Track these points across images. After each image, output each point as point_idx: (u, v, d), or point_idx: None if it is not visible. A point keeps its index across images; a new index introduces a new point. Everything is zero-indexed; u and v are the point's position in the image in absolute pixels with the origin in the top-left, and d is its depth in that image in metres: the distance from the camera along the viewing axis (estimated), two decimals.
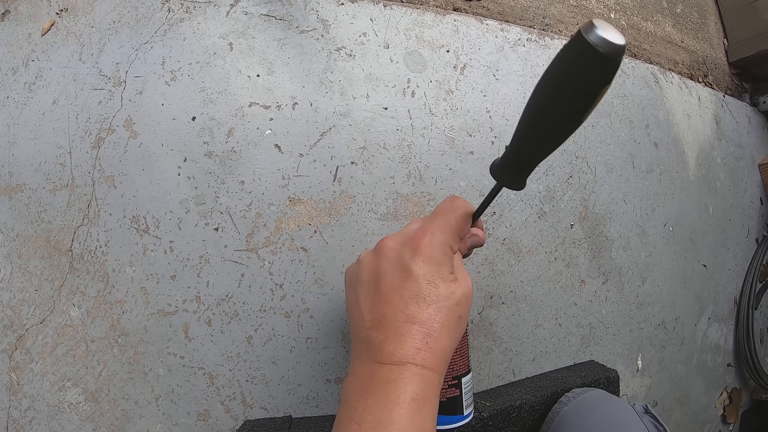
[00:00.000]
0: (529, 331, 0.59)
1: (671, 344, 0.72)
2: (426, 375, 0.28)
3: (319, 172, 0.51)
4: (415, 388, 0.27)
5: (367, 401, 0.27)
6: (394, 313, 0.30)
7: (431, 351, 0.29)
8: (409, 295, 0.30)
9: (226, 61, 0.50)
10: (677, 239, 0.72)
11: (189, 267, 0.49)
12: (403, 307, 0.30)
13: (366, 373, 0.29)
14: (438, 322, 0.29)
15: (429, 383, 0.28)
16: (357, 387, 0.28)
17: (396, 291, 0.30)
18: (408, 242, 0.32)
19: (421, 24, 0.56)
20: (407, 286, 0.30)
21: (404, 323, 0.29)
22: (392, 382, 0.27)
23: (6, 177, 0.48)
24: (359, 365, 0.30)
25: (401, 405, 0.26)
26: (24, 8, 0.50)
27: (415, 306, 0.30)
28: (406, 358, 0.28)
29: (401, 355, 0.28)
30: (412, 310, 0.29)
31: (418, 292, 0.30)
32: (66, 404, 0.47)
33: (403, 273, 0.30)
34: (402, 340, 0.29)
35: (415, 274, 0.30)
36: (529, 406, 0.52)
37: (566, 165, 0.62)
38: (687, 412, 0.76)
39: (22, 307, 0.47)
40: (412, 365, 0.28)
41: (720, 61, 0.93)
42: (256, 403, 0.50)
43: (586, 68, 0.21)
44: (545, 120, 0.25)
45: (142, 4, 0.50)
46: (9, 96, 0.49)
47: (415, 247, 0.31)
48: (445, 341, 0.30)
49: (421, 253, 0.31)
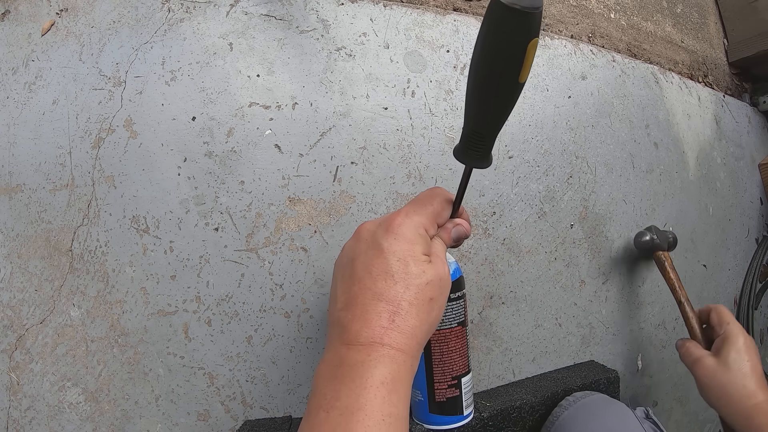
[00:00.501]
0: (529, 331, 0.59)
1: (671, 344, 0.72)
2: (395, 356, 0.27)
3: (319, 172, 0.51)
4: (383, 370, 0.26)
5: (335, 386, 0.26)
6: (362, 291, 0.29)
7: (399, 330, 0.28)
8: (378, 272, 0.29)
9: (226, 61, 0.50)
10: (677, 239, 0.72)
11: (189, 267, 0.49)
12: (372, 284, 0.29)
13: (335, 358, 0.28)
14: (406, 300, 0.29)
15: (399, 365, 0.27)
16: (326, 373, 0.28)
17: (366, 269, 0.30)
18: (383, 223, 0.32)
19: (421, 24, 0.56)
20: (377, 263, 0.30)
21: (371, 300, 0.29)
22: (360, 365, 0.26)
23: (6, 177, 0.48)
24: (329, 350, 0.29)
25: (369, 389, 0.26)
26: (24, 8, 0.50)
27: (383, 283, 0.29)
28: (373, 337, 0.27)
29: (368, 334, 0.28)
30: (379, 286, 0.29)
31: (386, 269, 0.29)
32: (66, 404, 0.47)
33: (374, 251, 0.30)
34: (368, 318, 0.28)
35: (385, 251, 0.30)
36: (529, 406, 0.52)
37: (566, 165, 0.62)
38: (687, 412, 0.76)
39: (22, 307, 0.47)
40: (379, 345, 0.27)
41: (720, 61, 0.93)
42: (256, 403, 0.50)
43: (505, 25, 0.22)
44: (488, 87, 0.25)
45: (142, 4, 0.50)
46: (9, 96, 0.49)
47: (389, 226, 0.31)
48: (413, 320, 0.29)
49: (393, 232, 0.30)
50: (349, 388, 0.26)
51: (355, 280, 0.30)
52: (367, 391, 0.26)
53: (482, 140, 0.29)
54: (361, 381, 0.26)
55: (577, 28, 0.71)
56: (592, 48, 0.67)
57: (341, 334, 0.29)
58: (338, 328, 0.29)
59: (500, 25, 0.22)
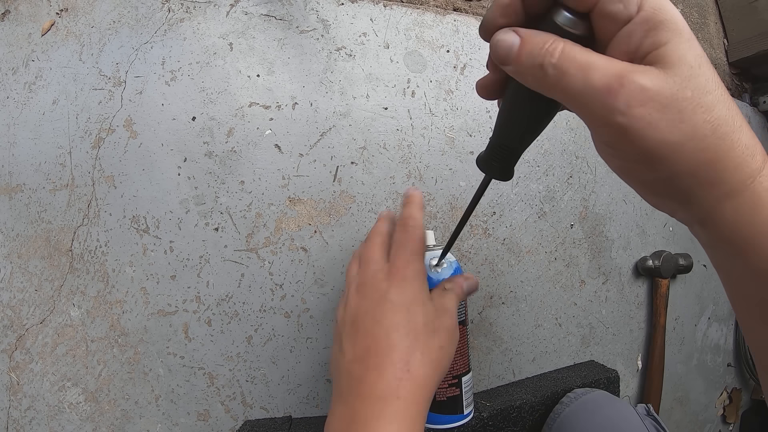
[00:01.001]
0: (529, 331, 0.59)
1: (671, 344, 0.72)
2: (409, 410, 0.28)
3: (319, 172, 0.51)
4: (396, 426, 0.27)
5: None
6: (375, 343, 0.30)
7: (413, 381, 0.28)
8: (389, 324, 0.30)
9: (226, 61, 0.50)
10: (677, 239, 0.72)
11: (189, 267, 0.49)
12: (384, 336, 0.30)
13: (347, 413, 0.28)
14: (418, 350, 0.30)
15: (411, 419, 0.28)
16: (339, 428, 0.28)
17: (376, 322, 0.30)
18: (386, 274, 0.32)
19: (421, 24, 0.56)
20: (388, 317, 0.30)
21: (385, 352, 0.29)
22: (375, 421, 0.27)
23: (6, 177, 0.48)
24: (339, 403, 0.29)
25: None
26: (24, 8, 0.50)
27: (395, 334, 0.30)
28: (388, 389, 0.28)
29: (383, 387, 0.28)
30: (392, 339, 0.30)
31: (397, 321, 0.30)
32: (66, 404, 0.47)
33: (384, 305, 0.31)
34: (383, 369, 0.28)
35: (395, 304, 0.31)
36: (529, 406, 0.52)
37: (566, 165, 0.62)
38: (687, 412, 0.76)
39: (22, 307, 0.47)
40: (394, 398, 0.27)
41: (720, 61, 0.93)
42: (256, 403, 0.50)
43: None
44: (526, 106, 0.25)
45: (142, 4, 0.50)
46: (9, 96, 0.49)
47: (393, 277, 0.32)
48: (425, 369, 0.29)
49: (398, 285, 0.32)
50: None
51: (366, 334, 0.30)
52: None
53: (510, 155, 0.28)
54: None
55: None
56: None
57: (354, 386, 0.29)
58: (349, 379, 0.29)
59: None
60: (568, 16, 0.21)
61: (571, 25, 0.21)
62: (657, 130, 0.19)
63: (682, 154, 0.19)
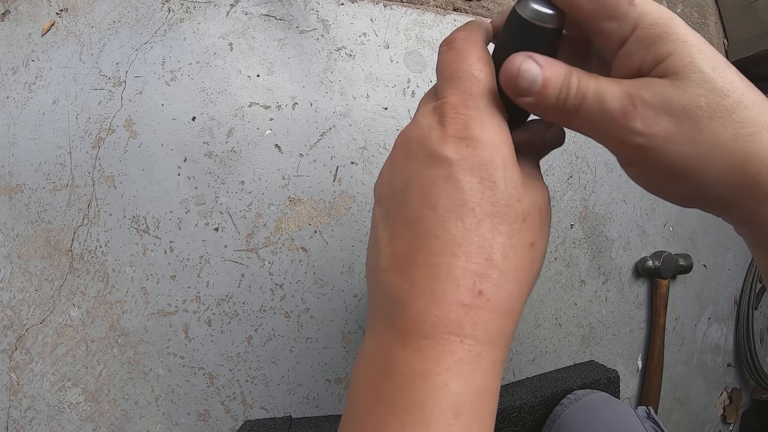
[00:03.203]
0: (529, 331, 0.59)
1: (671, 344, 0.72)
2: (481, 356, 0.17)
3: (319, 172, 0.51)
4: (460, 388, 0.16)
5: (380, 414, 0.17)
6: (425, 240, 0.18)
7: (490, 306, 0.17)
8: (448, 204, 0.18)
9: (226, 61, 0.50)
10: (677, 239, 0.72)
11: (189, 267, 0.49)
12: (439, 227, 0.18)
13: (380, 358, 0.18)
14: (498, 250, 0.18)
15: (484, 372, 0.17)
16: (368, 380, 0.18)
17: (426, 201, 0.18)
18: (436, 119, 0.20)
19: (421, 24, 0.56)
20: (444, 190, 0.18)
21: (441, 256, 0.18)
22: (422, 379, 0.16)
23: (6, 177, 0.48)
24: (373, 336, 0.19)
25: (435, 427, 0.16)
26: (24, 8, 0.50)
27: (458, 223, 0.18)
28: (448, 323, 0.17)
29: (438, 319, 0.17)
30: (453, 231, 0.18)
31: (462, 197, 0.18)
32: (66, 404, 0.47)
33: (437, 169, 0.19)
34: (438, 291, 0.17)
35: (455, 166, 0.18)
36: (529, 406, 0.52)
37: (566, 165, 0.62)
38: (687, 412, 0.76)
39: (22, 307, 0.47)
40: (456, 339, 0.17)
41: None
42: (256, 403, 0.50)
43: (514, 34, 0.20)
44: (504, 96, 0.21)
45: (142, 4, 0.50)
46: (9, 96, 0.49)
47: (445, 120, 0.19)
48: (510, 286, 0.18)
49: (462, 134, 0.19)
50: (402, 424, 0.16)
51: (409, 222, 0.19)
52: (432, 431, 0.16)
53: None
54: (422, 413, 0.16)
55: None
56: None
57: (391, 312, 0.18)
58: (385, 298, 0.19)
59: (512, 32, 0.20)
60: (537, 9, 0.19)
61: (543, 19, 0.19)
62: (677, 144, 0.17)
63: (708, 164, 0.17)
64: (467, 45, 0.20)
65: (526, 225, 0.19)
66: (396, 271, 0.18)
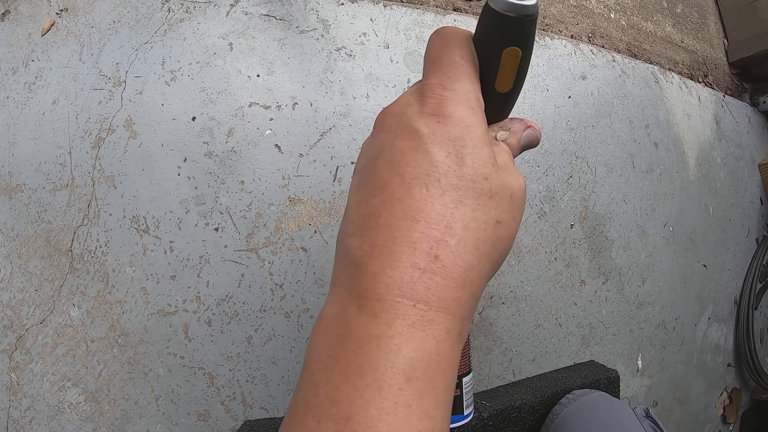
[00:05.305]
0: (529, 331, 0.59)
1: (671, 344, 0.72)
2: (435, 322, 0.17)
3: (319, 172, 0.51)
4: (413, 353, 0.16)
5: (333, 378, 0.16)
6: (388, 204, 0.18)
7: (444, 273, 0.17)
8: (415, 173, 0.18)
9: (226, 61, 0.50)
10: (677, 239, 0.72)
11: (189, 267, 0.49)
12: (404, 193, 0.18)
13: (337, 324, 0.18)
14: (459, 219, 0.18)
15: (439, 339, 0.17)
16: (323, 347, 0.17)
17: (394, 169, 0.19)
18: (416, 97, 0.20)
19: (421, 24, 0.56)
20: (412, 159, 0.18)
21: (401, 220, 0.18)
22: (375, 342, 0.16)
23: (6, 177, 0.48)
24: (333, 300, 0.19)
25: (387, 390, 0.16)
26: (24, 8, 0.50)
27: (421, 191, 0.18)
28: (401, 286, 0.17)
29: (391, 282, 0.17)
30: (416, 197, 0.18)
31: (428, 167, 0.18)
32: (66, 404, 0.47)
33: (407, 140, 0.19)
34: (395, 253, 0.17)
35: (425, 138, 0.19)
36: (529, 406, 0.52)
37: (566, 165, 0.62)
38: (687, 412, 0.76)
39: (22, 307, 0.47)
40: (408, 302, 0.17)
41: (720, 61, 0.93)
42: (256, 403, 0.50)
43: (485, 25, 0.21)
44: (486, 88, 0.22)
45: (142, 4, 0.50)
46: (9, 96, 0.49)
47: (423, 99, 0.20)
48: (468, 255, 0.18)
49: (435, 110, 0.19)
50: (354, 387, 0.16)
51: (376, 188, 0.19)
52: (383, 396, 0.15)
53: None
54: (374, 375, 0.16)
55: (577, 28, 0.71)
56: (592, 48, 0.67)
57: (351, 275, 0.18)
58: (347, 263, 0.19)
59: (483, 23, 0.21)
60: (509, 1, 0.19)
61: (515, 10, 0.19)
62: None
63: None
64: (453, 35, 0.21)
65: (492, 202, 0.19)
66: (358, 234, 0.19)
